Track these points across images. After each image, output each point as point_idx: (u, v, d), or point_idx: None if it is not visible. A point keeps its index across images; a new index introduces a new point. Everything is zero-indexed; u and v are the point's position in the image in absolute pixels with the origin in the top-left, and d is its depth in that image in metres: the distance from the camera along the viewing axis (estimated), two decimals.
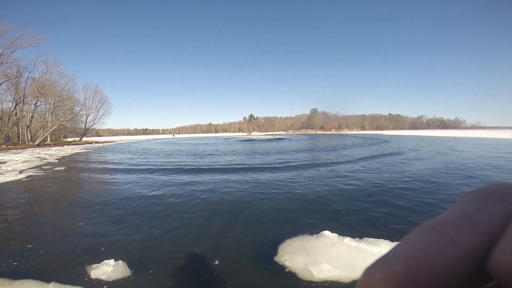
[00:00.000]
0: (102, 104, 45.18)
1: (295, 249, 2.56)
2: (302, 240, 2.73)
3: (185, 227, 3.36)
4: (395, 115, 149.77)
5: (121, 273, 2.30)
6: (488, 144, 17.61)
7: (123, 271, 2.33)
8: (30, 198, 5.26)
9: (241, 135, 69.50)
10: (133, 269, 2.37)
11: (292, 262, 2.36)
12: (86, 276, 2.26)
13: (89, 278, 2.24)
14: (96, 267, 2.35)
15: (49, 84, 33.68)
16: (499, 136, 29.12)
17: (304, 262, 2.33)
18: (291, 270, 2.28)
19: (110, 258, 2.43)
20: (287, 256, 2.44)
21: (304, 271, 2.24)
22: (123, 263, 2.41)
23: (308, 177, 6.58)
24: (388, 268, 0.13)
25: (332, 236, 2.67)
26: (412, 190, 4.92)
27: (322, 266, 2.25)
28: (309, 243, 2.62)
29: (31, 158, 14.21)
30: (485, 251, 0.12)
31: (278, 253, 2.54)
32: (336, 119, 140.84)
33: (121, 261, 2.43)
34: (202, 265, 2.44)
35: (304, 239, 2.74)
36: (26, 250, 2.81)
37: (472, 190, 0.15)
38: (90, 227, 3.50)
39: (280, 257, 2.47)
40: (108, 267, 2.34)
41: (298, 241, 2.73)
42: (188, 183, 6.27)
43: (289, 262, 2.37)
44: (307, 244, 2.61)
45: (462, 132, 50.00)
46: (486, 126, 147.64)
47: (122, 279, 2.25)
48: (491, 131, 69.52)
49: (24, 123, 31.26)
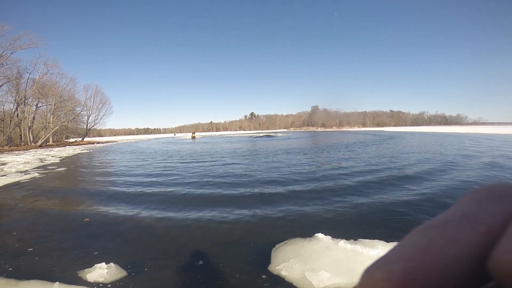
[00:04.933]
0: (103, 104, 45.35)
1: (289, 256, 2.49)
2: (295, 245, 2.66)
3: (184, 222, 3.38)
4: (396, 111, 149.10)
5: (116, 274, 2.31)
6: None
7: (118, 272, 2.33)
8: (32, 199, 5.29)
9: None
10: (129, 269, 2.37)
11: (288, 271, 2.29)
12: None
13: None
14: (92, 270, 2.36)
15: (50, 85, 33.78)
16: (506, 132, 28.01)
17: (300, 270, 2.27)
18: (288, 280, 2.21)
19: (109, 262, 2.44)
20: (282, 265, 2.37)
21: (302, 280, 2.17)
22: (115, 266, 2.41)
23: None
24: (388, 269, 0.13)
25: (326, 239, 2.60)
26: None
27: (320, 273, 2.18)
28: (303, 248, 2.56)
29: (33, 159, 14.28)
30: (485, 251, 0.12)
31: (272, 262, 2.48)
32: (337, 116, 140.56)
33: (112, 264, 2.43)
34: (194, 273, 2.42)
35: (297, 244, 2.67)
36: (28, 252, 2.84)
37: (472, 190, 0.15)
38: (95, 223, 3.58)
39: (275, 266, 2.40)
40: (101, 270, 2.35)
41: (291, 246, 2.65)
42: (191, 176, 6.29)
43: (284, 272, 2.30)
44: (300, 250, 2.55)
45: (468, 128, 49.22)
46: (488, 122, 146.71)
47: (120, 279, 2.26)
48: (495, 127, 68.91)
49: (26, 124, 31.38)
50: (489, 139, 18.30)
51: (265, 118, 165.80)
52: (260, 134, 46.63)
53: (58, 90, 34.94)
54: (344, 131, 69.87)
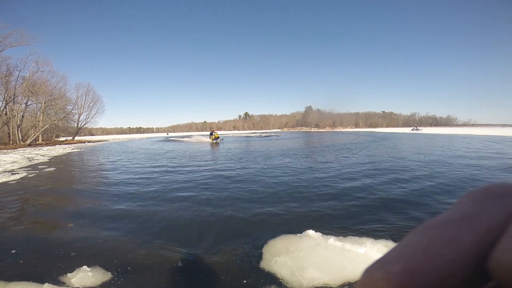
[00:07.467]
0: (94, 103, 44.71)
1: (280, 252, 2.55)
2: (286, 241, 2.72)
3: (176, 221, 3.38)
4: (388, 112, 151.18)
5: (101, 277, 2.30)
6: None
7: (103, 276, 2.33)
8: (18, 200, 5.19)
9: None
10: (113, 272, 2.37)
11: (278, 268, 2.33)
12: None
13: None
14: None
15: (40, 83, 33.11)
16: (495, 134, 28.74)
17: (290, 267, 2.31)
18: (278, 276, 2.24)
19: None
20: (272, 262, 2.41)
21: (291, 277, 2.21)
22: (100, 269, 2.41)
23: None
24: (388, 269, 0.13)
25: (316, 236, 2.69)
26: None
27: (309, 271, 2.23)
28: (294, 245, 2.62)
29: (22, 158, 13.98)
30: (485, 251, 0.12)
31: (263, 258, 2.52)
32: (330, 116, 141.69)
33: (98, 267, 2.43)
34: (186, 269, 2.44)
35: (289, 240, 2.74)
36: (12, 253, 2.79)
37: (472, 190, 0.15)
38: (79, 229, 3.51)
39: (266, 262, 2.44)
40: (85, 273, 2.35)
41: (282, 242, 2.71)
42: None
43: (274, 268, 2.33)
44: (291, 246, 2.61)
45: (460, 130, 49.94)
46: (477, 124, 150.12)
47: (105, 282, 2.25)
48: (483, 128, 70.44)
49: (15, 122, 30.70)
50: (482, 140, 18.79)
51: (259, 118, 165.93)
52: (262, 135, 46.30)
53: (48, 88, 34.28)
54: (337, 132, 70.48)
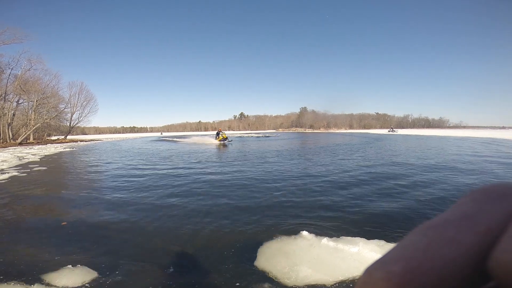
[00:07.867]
0: (87, 101, 44.15)
1: (274, 252, 2.59)
2: (280, 242, 2.77)
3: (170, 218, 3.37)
4: (382, 114, 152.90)
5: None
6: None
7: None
8: (8, 200, 5.10)
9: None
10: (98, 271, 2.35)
11: (272, 267, 2.38)
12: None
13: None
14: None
15: (33, 81, 32.56)
16: (489, 136, 29.20)
17: (284, 266, 2.35)
18: (273, 275, 2.29)
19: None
20: (267, 262, 2.45)
21: (285, 275, 2.25)
22: (90, 268, 2.39)
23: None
24: (388, 269, 0.13)
25: (310, 237, 2.74)
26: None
27: (303, 269, 2.28)
28: (288, 245, 2.67)
29: (12, 157, 13.73)
30: (485, 251, 0.12)
31: (257, 258, 2.56)
32: (325, 117, 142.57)
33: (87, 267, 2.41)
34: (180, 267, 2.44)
35: (283, 241, 2.79)
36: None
37: (472, 190, 0.15)
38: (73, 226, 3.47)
39: (260, 262, 2.48)
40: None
41: (277, 243, 2.76)
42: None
43: (269, 267, 2.38)
44: (286, 247, 2.66)
45: (453, 132, 50.69)
46: (468, 126, 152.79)
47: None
48: (474, 130, 71.73)
49: (6, 121, 30.11)
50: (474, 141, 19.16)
51: (255, 118, 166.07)
52: (258, 135, 46.33)
53: (41, 87, 33.70)
54: (331, 133, 71.05)
